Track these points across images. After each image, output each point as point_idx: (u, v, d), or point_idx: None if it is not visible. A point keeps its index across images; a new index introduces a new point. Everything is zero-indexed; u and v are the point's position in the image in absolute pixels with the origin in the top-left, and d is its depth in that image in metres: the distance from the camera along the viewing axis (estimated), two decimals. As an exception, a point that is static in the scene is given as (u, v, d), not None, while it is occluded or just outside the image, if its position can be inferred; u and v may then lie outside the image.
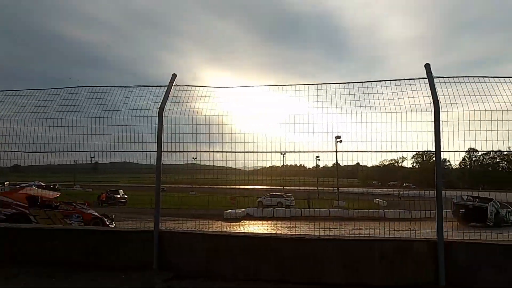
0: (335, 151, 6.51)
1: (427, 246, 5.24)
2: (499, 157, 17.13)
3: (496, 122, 5.43)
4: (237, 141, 6.14)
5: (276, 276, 5.50)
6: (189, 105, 6.25)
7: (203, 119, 6.19)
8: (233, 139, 6.16)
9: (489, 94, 5.48)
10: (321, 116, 5.93)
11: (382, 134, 5.66)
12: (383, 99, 5.72)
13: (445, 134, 5.31)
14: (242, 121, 6.45)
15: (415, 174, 17.90)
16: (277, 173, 8.79)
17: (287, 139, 6.11)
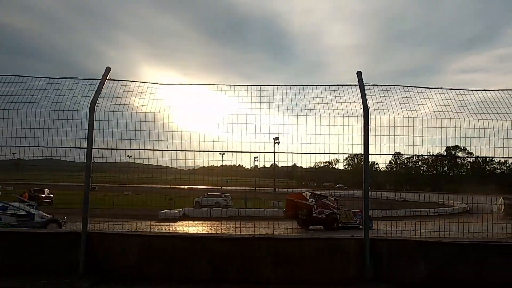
0: (273, 152, 6.64)
1: (354, 244, 5.55)
2: (420, 161, 18.58)
3: (420, 129, 5.91)
4: (175, 140, 6.00)
5: (211, 275, 5.47)
6: (125, 101, 5.99)
7: (140, 116, 5.97)
8: (171, 137, 6.01)
9: (415, 102, 5.97)
10: (260, 117, 6.02)
11: (317, 136, 5.89)
12: (319, 103, 5.95)
13: (374, 138, 5.67)
14: (181, 120, 6.32)
15: (347, 176, 18.81)
16: (215, 173, 8.75)
17: (226, 139, 6.11)
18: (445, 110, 5.85)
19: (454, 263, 5.51)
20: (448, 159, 13.76)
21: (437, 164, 17.34)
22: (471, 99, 6.03)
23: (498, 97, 6.03)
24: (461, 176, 14.75)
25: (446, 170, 17.79)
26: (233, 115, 6.02)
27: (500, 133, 5.79)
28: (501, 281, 5.35)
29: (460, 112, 5.83)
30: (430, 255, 5.54)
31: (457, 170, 15.12)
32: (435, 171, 19.29)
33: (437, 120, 5.85)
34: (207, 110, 6.43)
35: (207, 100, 6.53)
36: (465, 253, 5.57)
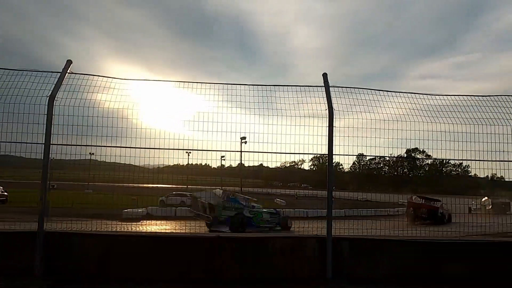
0: (240, 151, 6.63)
1: (318, 242, 5.65)
2: (382, 162, 19.16)
3: (382, 131, 6.09)
4: (140, 137, 5.84)
5: (174, 276, 5.38)
6: (88, 96, 5.77)
7: (103, 112, 5.78)
8: (136, 135, 5.85)
9: (378, 105, 6.14)
10: (227, 116, 5.98)
11: (284, 136, 5.94)
12: (286, 103, 6.00)
13: (338, 139, 5.78)
14: (146, 117, 6.18)
15: (312, 176, 19.16)
16: (181, 172, 8.63)
17: (192, 137, 6.03)
18: (407, 114, 6.06)
19: (413, 261, 5.74)
20: (408, 161, 14.36)
21: (398, 165, 18.08)
22: (430, 103, 6.29)
23: (455, 102, 6.34)
24: (419, 177, 15.43)
25: (406, 171, 18.58)
26: (199, 113, 5.96)
27: (456, 136, 6.08)
28: (457, 277, 5.63)
29: (420, 116, 6.06)
30: (390, 253, 5.74)
31: (416, 171, 15.79)
32: (396, 172, 20.10)
33: (399, 123, 6.05)
34: (174, 108, 6.34)
35: (174, 97, 6.43)
36: (423, 251, 5.81)
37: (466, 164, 8.25)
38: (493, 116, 6.08)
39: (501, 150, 6.10)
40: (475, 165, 6.44)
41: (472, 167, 6.78)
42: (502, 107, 6.22)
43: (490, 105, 6.23)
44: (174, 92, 6.37)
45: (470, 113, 6.10)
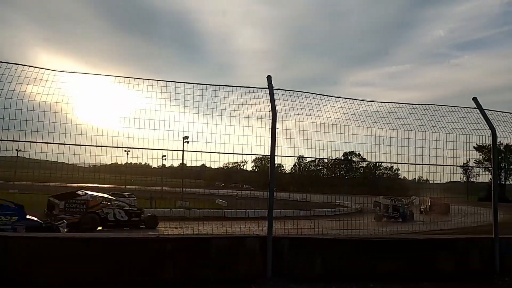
0: (182, 150, 6.51)
1: (258, 242, 5.72)
2: (321, 165, 19.94)
3: (322, 134, 6.32)
4: (74, 133, 5.49)
5: (109, 278, 5.14)
6: (16, 87, 5.31)
7: (34, 105, 5.34)
8: (69, 130, 5.47)
9: (318, 109, 6.37)
10: (169, 114, 5.85)
11: (227, 136, 5.93)
12: (230, 104, 6.00)
13: (280, 141, 5.90)
14: (82, 112, 5.83)
15: (254, 177, 19.37)
16: (119, 171, 8.26)
17: (132, 135, 5.80)
18: (344, 118, 6.36)
19: (349, 258, 6.02)
20: (345, 163, 15.08)
21: (335, 167, 18.88)
22: (366, 109, 6.66)
23: (388, 108, 6.77)
24: (355, 179, 16.26)
25: (343, 173, 19.46)
26: (140, 111, 5.74)
27: (388, 141, 6.51)
28: (391, 272, 6.02)
29: (356, 120, 6.39)
30: (327, 252, 5.98)
31: (352, 173, 16.64)
32: (334, 174, 20.97)
33: (337, 127, 6.33)
34: (112, 104, 6.05)
35: (112, 93, 6.13)
36: (359, 249, 6.13)
37: (397, 167, 8.85)
38: (421, 123, 6.60)
39: (427, 155, 6.63)
40: (405, 168, 6.95)
41: (402, 170, 7.30)
42: (429, 115, 6.77)
43: (419, 113, 6.75)
44: (112, 87, 6.07)
45: (401, 120, 6.56)
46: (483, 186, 8.14)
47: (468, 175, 8.90)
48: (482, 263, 6.49)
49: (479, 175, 8.66)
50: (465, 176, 8.63)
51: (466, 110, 6.97)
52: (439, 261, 6.35)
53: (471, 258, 6.51)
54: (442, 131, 6.60)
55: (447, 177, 7.14)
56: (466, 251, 6.54)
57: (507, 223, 17.27)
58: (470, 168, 8.80)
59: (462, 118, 6.85)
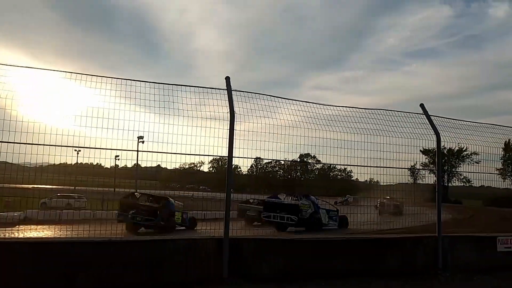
0: (137, 150, 6.33)
1: (215, 243, 5.69)
2: (278, 166, 20.20)
3: (279, 136, 6.41)
4: (18, 131, 5.15)
5: (62, 285, 4.87)
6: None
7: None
8: (13, 128, 5.13)
9: (276, 111, 6.45)
10: (124, 113, 5.66)
11: (184, 137, 5.83)
12: (188, 104, 5.91)
13: (238, 142, 5.90)
14: (28, 108, 5.49)
15: (211, 178, 19.27)
16: (68, 172, 7.87)
17: (83, 134, 5.54)
18: (301, 121, 6.49)
19: (305, 258, 6.14)
20: (301, 165, 15.41)
21: (292, 169, 19.25)
22: (322, 112, 6.84)
23: (343, 112, 7.01)
24: (310, 180, 16.65)
25: (299, 175, 19.86)
26: (93, 108, 5.51)
27: (342, 143, 6.72)
28: (345, 269, 6.21)
29: (312, 123, 6.54)
30: (283, 251, 6.07)
31: (307, 175, 17.02)
32: (290, 175, 21.34)
33: (294, 129, 6.44)
34: (62, 101, 5.74)
35: (62, 89, 5.82)
36: (313, 249, 6.27)
37: (350, 169, 9.15)
38: (373, 127, 6.88)
39: (378, 157, 6.93)
40: (357, 170, 7.22)
41: (355, 171, 7.58)
42: (380, 119, 7.08)
43: (371, 117, 7.04)
44: (63, 83, 5.76)
45: (354, 123, 6.80)
46: (429, 187, 8.71)
47: (415, 177, 9.45)
48: (427, 260, 6.88)
49: (425, 177, 9.23)
50: (412, 178, 9.14)
51: (414, 116, 7.36)
52: (388, 258, 6.66)
53: (417, 255, 6.88)
54: (392, 135, 6.93)
55: (396, 179, 7.50)
56: (413, 249, 6.91)
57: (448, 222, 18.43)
58: (417, 171, 9.29)
59: (410, 123, 7.23)
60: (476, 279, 6.49)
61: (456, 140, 7.72)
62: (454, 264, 6.88)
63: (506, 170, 17.59)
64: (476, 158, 8.83)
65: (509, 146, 36.95)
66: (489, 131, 8.14)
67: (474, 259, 7.19)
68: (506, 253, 7.46)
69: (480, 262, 7.17)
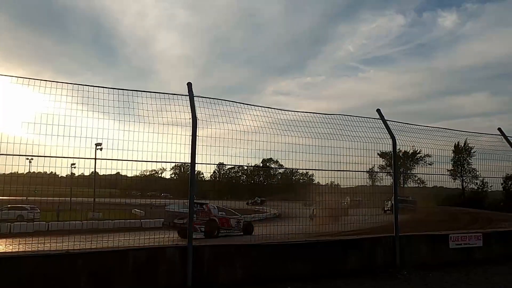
0: (95, 158, 6.10)
1: (178, 252, 5.59)
2: (241, 171, 20.27)
3: (241, 141, 6.43)
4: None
5: None
6: None
7: None
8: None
9: (238, 117, 6.48)
10: (81, 120, 5.46)
11: (144, 144, 5.71)
12: (148, 110, 5.80)
13: (200, 148, 5.85)
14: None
15: (173, 185, 18.98)
16: (20, 182, 7.45)
17: (38, 142, 5.28)
18: (263, 126, 6.55)
19: (268, 262, 6.18)
20: (264, 170, 15.51)
21: (255, 174, 19.32)
22: (283, 118, 6.95)
23: (303, 118, 7.15)
24: (273, 185, 16.81)
25: (262, 180, 19.96)
26: (47, 115, 5.27)
27: (303, 148, 6.86)
28: (307, 272, 6.33)
29: (274, 129, 6.62)
30: (246, 257, 6.07)
31: (270, 180, 17.17)
32: (253, 180, 21.40)
33: (256, 134, 6.50)
34: (13, 107, 5.45)
35: (13, 95, 5.52)
36: (274, 254, 6.31)
37: (311, 173, 9.33)
38: (333, 132, 7.07)
39: (338, 161, 7.12)
40: (319, 174, 7.38)
41: (316, 175, 7.74)
42: (340, 124, 7.31)
43: (331, 122, 7.25)
44: (12, 88, 5.46)
45: (315, 128, 6.97)
46: (386, 189, 9.10)
47: (373, 179, 9.81)
48: (386, 259, 7.15)
49: (382, 179, 9.61)
50: (370, 181, 9.47)
51: (371, 121, 7.66)
52: (349, 259, 6.85)
53: (376, 255, 7.13)
54: (351, 139, 7.16)
55: (356, 182, 7.74)
56: (372, 249, 7.15)
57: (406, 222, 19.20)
58: (375, 173, 9.63)
59: (368, 128, 7.52)
60: (431, 275, 6.82)
61: (410, 143, 8.11)
62: (411, 262, 7.20)
63: (456, 171, 18.66)
64: (429, 160, 9.27)
65: (458, 149, 39.53)
66: (441, 134, 8.63)
67: (429, 256, 7.57)
68: (457, 250, 7.92)
69: (435, 259, 7.56)
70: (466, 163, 40.67)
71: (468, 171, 36.84)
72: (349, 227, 8.06)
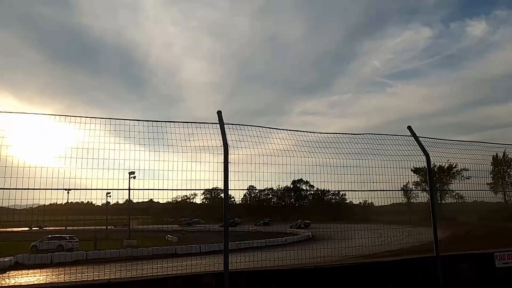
0: (128, 189, 6.28)
1: (215, 278, 5.58)
2: (271, 194, 20.22)
3: (270, 165, 6.44)
4: (9, 177, 5.11)
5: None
6: None
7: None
8: (3, 174, 5.09)
9: (265, 141, 6.52)
10: (114, 152, 5.66)
11: (176, 173, 5.83)
12: (178, 140, 5.94)
13: (231, 173, 5.90)
14: (17, 153, 5.47)
15: (204, 210, 19.18)
16: (59, 212, 7.75)
17: (74, 175, 5.51)
18: (291, 149, 6.55)
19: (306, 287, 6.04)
20: (294, 191, 15.39)
21: (285, 196, 19.20)
22: (309, 139, 6.93)
23: (329, 139, 7.10)
24: (305, 206, 16.64)
25: (293, 201, 19.80)
26: (83, 150, 5.51)
27: (334, 169, 6.77)
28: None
29: (301, 151, 6.60)
30: (284, 282, 5.96)
31: (301, 201, 17.02)
32: (284, 202, 21.25)
33: (284, 158, 6.49)
34: (51, 142, 5.74)
35: (51, 130, 5.82)
36: (315, 278, 6.18)
37: (343, 193, 9.17)
38: (361, 152, 6.96)
39: (369, 181, 6.98)
40: (350, 193, 7.23)
41: (348, 195, 7.59)
42: (367, 143, 7.19)
43: (358, 142, 7.15)
44: (50, 124, 5.76)
45: (344, 149, 6.88)
46: (423, 206, 8.67)
47: (408, 197, 9.50)
48: (427, 280, 6.82)
49: (418, 196, 9.23)
50: (405, 198, 9.15)
51: (402, 138, 7.50)
52: (389, 281, 6.58)
53: (417, 276, 6.82)
54: (382, 158, 7.01)
55: (390, 200, 7.53)
56: (412, 270, 6.85)
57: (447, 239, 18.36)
58: (409, 190, 9.35)
59: (398, 145, 7.35)
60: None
61: (445, 158, 7.85)
62: (455, 283, 6.83)
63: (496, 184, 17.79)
64: (466, 174, 8.90)
65: (497, 161, 37.57)
66: (476, 148, 8.31)
67: (474, 277, 7.16)
68: (505, 269, 7.45)
69: (480, 280, 7.14)
70: (507, 175, 38.72)
71: (510, 184, 34.99)
72: (379, 248, 7.80)
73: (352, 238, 7.39)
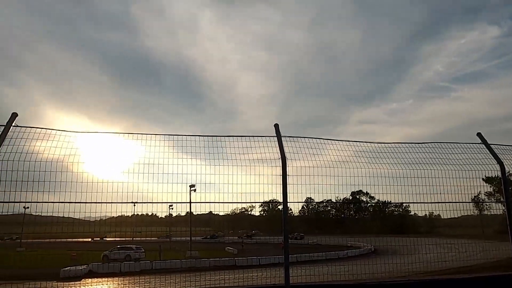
0: (190, 202, 6.52)
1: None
2: (330, 206, 19.81)
3: (328, 177, 6.34)
4: (84, 191, 5.57)
5: None
6: (30, 149, 5.47)
7: (45, 165, 5.47)
8: (79, 189, 5.56)
9: (322, 153, 6.43)
10: (176, 167, 5.93)
11: (235, 186, 5.96)
12: (236, 154, 6.09)
13: (288, 186, 5.90)
14: (89, 169, 5.95)
15: (262, 222, 19.28)
16: (126, 224, 8.23)
17: (138, 189, 5.87)
18: (348, 160, 6.39)
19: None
20: (354, 203, 14.93)
21: (344, 208, 18.67)
22: (368, 149, 6.72)
23: (389, 148, 6.83)
24: (365, 219, 16.06)
25: (353, 213, 19.20)
26: (148, 165, 5.85)
27: (395, 180, 6.48)
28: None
29: (360, 162, 6.42)
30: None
31: (361, 213, 16.46)
32: (343, 214, 20.70)
33: (342, 169, 6.35)
34: (118, 158, 6.18)
35: (119, 147, 6.27)
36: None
37: (406, 205, 8.74)
38: (425, 161, 6.61)
39: (435, 192, 6.59)
40: (415, 205, 6.87)
41: (412, 207, 7.21)
42: (432, 152, 6.81)
43: (422, 151, 6.79)
44: (118, 142, 6.22)
45: (404, 159, 6.59)
46: (498, 218, 7.81)
47: (480, 208, 8.71)
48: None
49: (492, 208, 8.44)
50: (477, 210, 8.40)
51: (470, 146, 7.01)
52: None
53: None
54: (449, 168, 6.60)
55: (459, 212, 7.03)
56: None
57: None
58: (481, 202, 8.67)
59: (467, 153, 6.87)
60: None
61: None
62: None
63: None
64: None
65: None
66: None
67: None
68: None
69: None
70: None
71: None
72: (447, 264, 7.27)
73: (418, 253, 7.00)
